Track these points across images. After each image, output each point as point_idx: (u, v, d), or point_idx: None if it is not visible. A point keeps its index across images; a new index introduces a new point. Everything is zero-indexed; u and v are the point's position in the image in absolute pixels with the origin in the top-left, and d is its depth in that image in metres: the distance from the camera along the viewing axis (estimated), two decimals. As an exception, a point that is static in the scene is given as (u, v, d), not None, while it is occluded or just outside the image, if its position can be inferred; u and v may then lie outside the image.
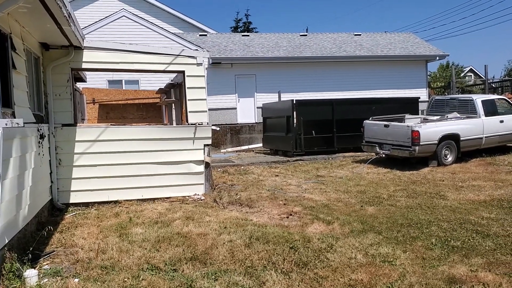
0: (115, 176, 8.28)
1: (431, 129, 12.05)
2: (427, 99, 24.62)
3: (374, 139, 13.10)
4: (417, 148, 11.65)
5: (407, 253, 5.32)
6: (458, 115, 13.19)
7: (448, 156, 12.24)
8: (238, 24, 50.83)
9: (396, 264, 4.94)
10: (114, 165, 8.28)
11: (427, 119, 13.59)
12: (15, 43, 5.87)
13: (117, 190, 8.28)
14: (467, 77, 49.12)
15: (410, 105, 16.88)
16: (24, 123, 5.46)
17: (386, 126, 12.78)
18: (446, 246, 5.55)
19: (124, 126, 8.66)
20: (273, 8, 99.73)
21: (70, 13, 6.08)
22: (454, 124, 12.55)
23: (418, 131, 11.67)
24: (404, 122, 13.43)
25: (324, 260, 5.09)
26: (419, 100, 18.10)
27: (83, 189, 8.16)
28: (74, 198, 8.14)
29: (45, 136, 7.47)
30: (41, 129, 7.15)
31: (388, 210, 7.55)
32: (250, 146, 20.46)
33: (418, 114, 17.03)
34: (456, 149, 12.27)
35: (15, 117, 5.60)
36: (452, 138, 12.20)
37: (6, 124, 4.14)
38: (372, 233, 6.13)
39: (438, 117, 13.61)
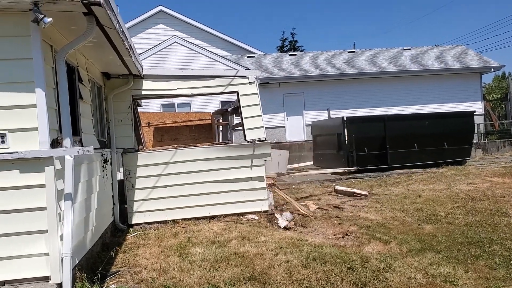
0: (173, 196, 8.55)
1: None
2: (483, 112, 23.83)
3: None
4: None
5: (469, 272, 5.19)
6: None
7: None
8: (284, 43, 51.44)
9: (458, 284, 4.83)
10: (172, 186, 8.56)
11: None
12: (81, 75, 6.30)
13: (174, 210, 8.55)
14: (525, 87, 46.95)
15: (465, 119, 16.42)
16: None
17: None
18: (511, 265, 5.37)
19: (180, 149, 8.93)
20: (319, 25, 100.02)
21: (130, 45, 6.47)
22: None
23: None
24: None
25: (383, 280, 5.05)
26: (475, 113, 17.56)
27: (143, 210, 8.49)
28: (134, 219, 8.48)
29: (108, 161, 7.88)
30: (104, 154, 7.56)
31: (447, 228, 7.36)
32: (300, 165, 20.45)
33: (473, 129, 16.63)
34: None
35: (82, 144, 5.99)
36: None
37: (78, 152, 4.44)
38: (431, 252, 6.01)
39: None
